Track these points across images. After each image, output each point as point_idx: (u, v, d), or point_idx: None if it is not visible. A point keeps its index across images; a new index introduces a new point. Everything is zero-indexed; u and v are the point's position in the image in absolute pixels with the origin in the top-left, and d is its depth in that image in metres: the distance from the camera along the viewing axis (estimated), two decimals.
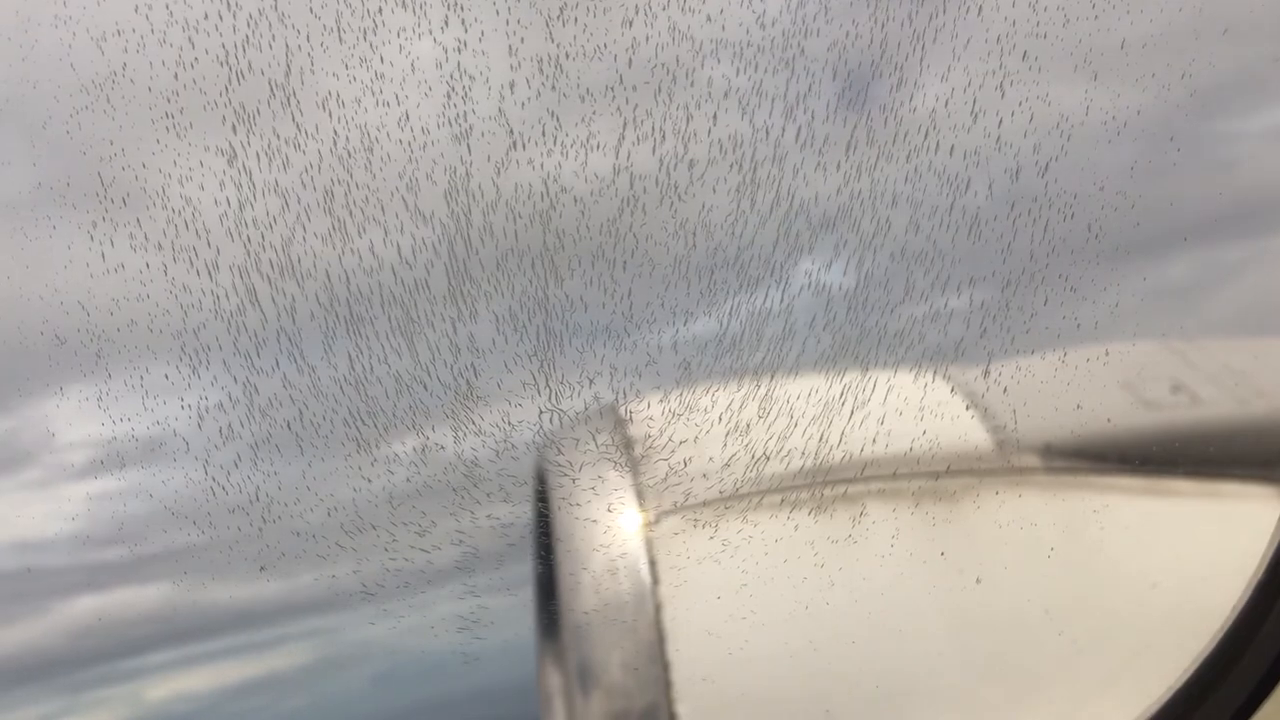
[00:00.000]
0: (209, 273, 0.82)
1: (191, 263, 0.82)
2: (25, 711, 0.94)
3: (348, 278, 0.83)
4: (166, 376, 0.82)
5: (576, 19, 0.80)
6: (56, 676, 0.93)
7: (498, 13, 0.80)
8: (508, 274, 0.85)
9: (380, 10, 0.79)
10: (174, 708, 0.95)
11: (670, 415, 0.90)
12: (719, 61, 0.82)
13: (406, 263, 0.84)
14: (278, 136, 0.80)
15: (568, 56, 0.81)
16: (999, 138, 0.84)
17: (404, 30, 0.79)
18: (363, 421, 0.84)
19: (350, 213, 0.82)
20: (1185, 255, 0.92)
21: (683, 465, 0.90)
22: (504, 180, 0.83)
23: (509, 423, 0.89)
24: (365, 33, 0.79)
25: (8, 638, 0.91)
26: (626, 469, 0.91)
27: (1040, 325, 0.89)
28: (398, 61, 0.80)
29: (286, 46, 0.78)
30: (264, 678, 0.93)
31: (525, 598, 0.96)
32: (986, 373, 0.90)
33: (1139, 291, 0.90)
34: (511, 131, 0.82)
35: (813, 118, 0.83)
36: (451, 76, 0.81)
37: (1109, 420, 0.94)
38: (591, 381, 0.89)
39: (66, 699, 0.95)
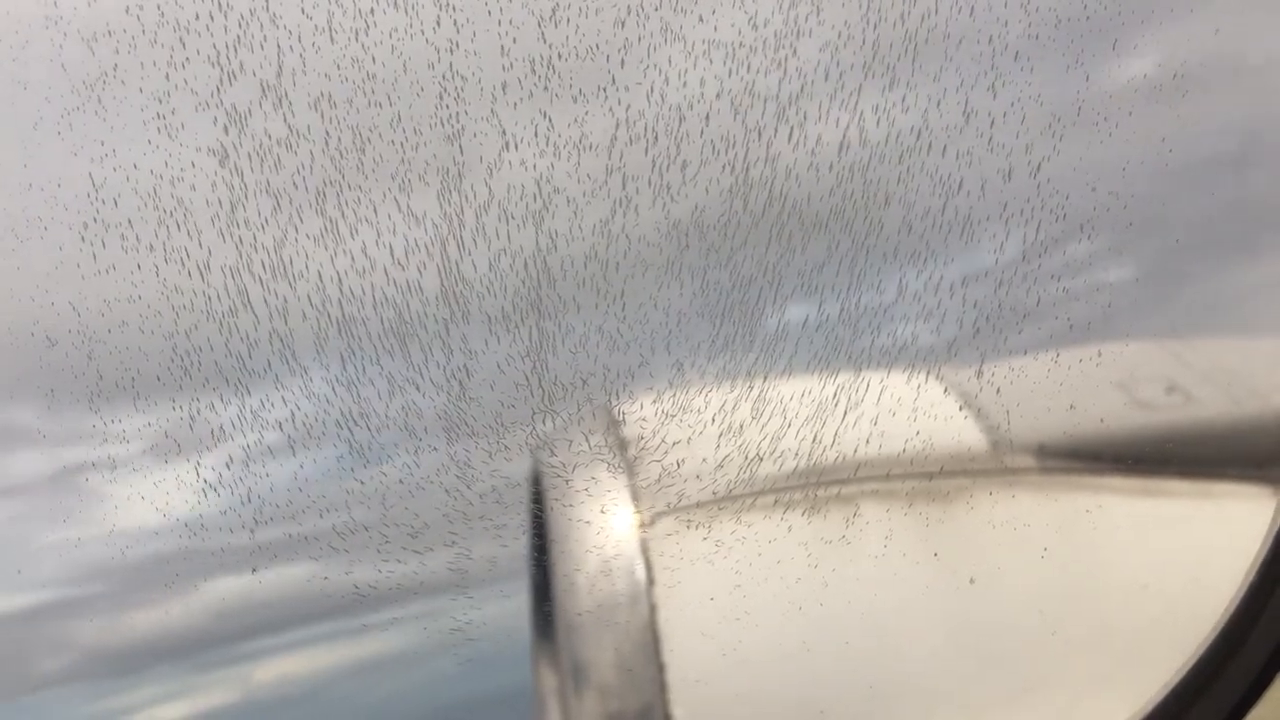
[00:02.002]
0: (201, 274, 0.82)
1: (183, 264, 0.82)
2: (142, 692, 0.96)
3: (340, 279, 0.83)
4: (315, 371, 0.82)
5: (569, 19, 0.80)
6: (182, 658, 0.95)
7: (489, 13, 0.80)
8: (500, 275, 0.85)
9: (372, 11, 0.79)
10: (279, 690, 0.97)
11: (664, 416, 0.90)
12: (711, 62, 0.82)
13: (399, 263, 0.84)
14: (269, 137, 0.80)
15: (560, 57, 0.81)
16: (991, 138, 0.84)
17: (396, 31, 0.79)
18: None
19: (342, 213, 0.82)
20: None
21: (676, 466, 0.90)
22: (496, 181, 0.83)
23: (502, 424, 0.89)
24: (357, 33, 0.79)
25: (145, 619, 0.92)
26: (620, 470, 0.91)
27: (1033, 325, 0.89)
28: (390, 62, 0.80)
29: (278, 47, 0.78)
30: (361, 661, 0.94)
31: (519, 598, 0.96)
32: (980, 373, 0.90)
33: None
34: (504, 132, 0.82)
35: (805, 119, 0.83)
36: (444, 77, 0.81)
37: (1102, 420, 0.94)
38: (585, 382, 0.89)
39: (184, 680, 0.96)
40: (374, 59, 0.80)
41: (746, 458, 0.90)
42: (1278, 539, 0.84)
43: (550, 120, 0.82)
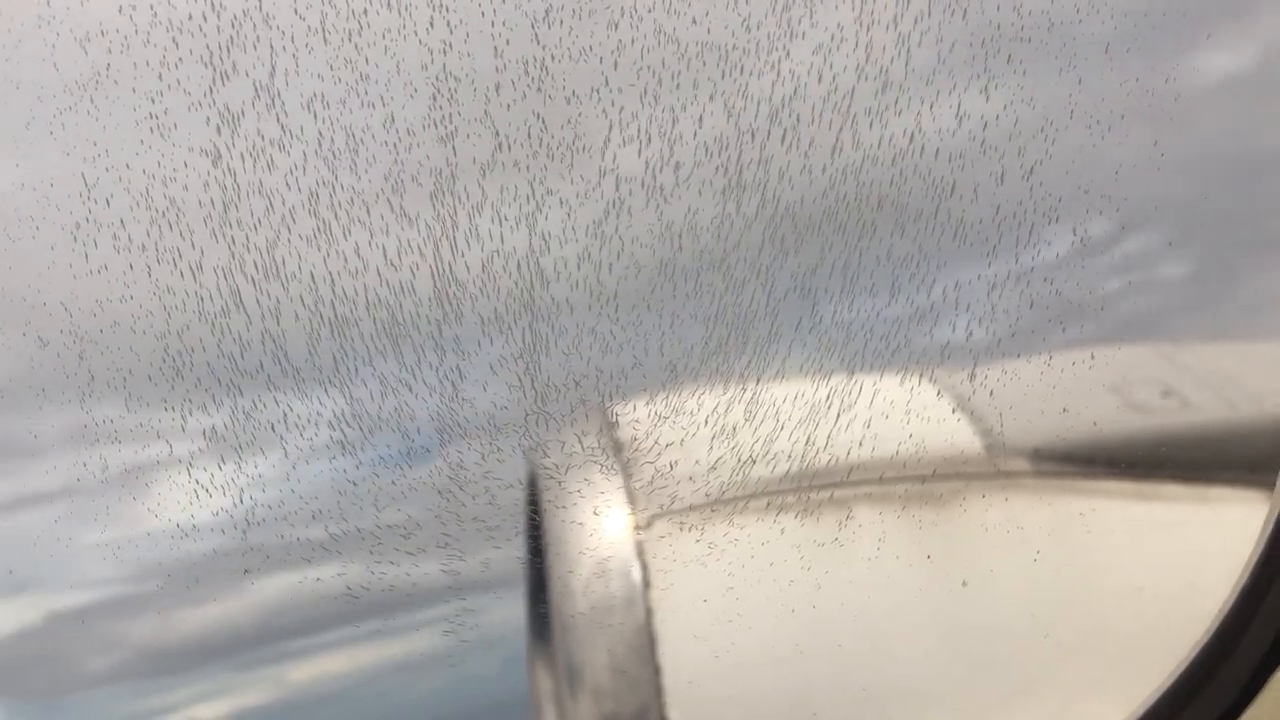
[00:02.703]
0: (193, 274, 0.82)
1: (175, 264, 0.82)
2: (181, 692, 0.97)
3: (332, 280, 0.83)
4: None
5: (562, 21, 0.80)
6: (223, 657, 0.95)
7: (483, 14, 0.80)
8: (493, 276, 0.85)
9: (365, 12, 0.79)
10: (315, 689, 0.97)
11: (657, 418, 0.90)
12: (705, 64, 0.82)
13: (392, 264, 0.84)
14: (262, 138, 0.80)
15: (553, 59, 0.81)
16: (984, 140, 0.84)
17: (389, 32, 0.79)
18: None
19: (335, 214, 0.82)
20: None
21: (669, 469, 0.90)
22: (489, 182, 0.83)
23: (495, 426, 0.89)
24: (350, 34, 0.79)
25: (196, 617, 0.93)
26: (614, 472, 0.91)
27: (1027, 328, 0.89)
28: (383, 63, 0.80)
29: (271, 48, 0.78)
30: (399, 660, 0.95)
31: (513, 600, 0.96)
32: (973, 376, 0.90)
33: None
34: (497, 133, 0.82)
35: (798, 121, 0.83)
36: (437, 78, 0.81)
37: (1096, 424, 0.94)
38: (578, 384, 0.89)
39: (223, 679, 0.97)
40: (367, 60, 0.80)
41: (740, 460, 0.90)
42: (1271, 542, 0.84)
43: (544, 122, 0.82)
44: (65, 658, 0.96)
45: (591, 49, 0.81)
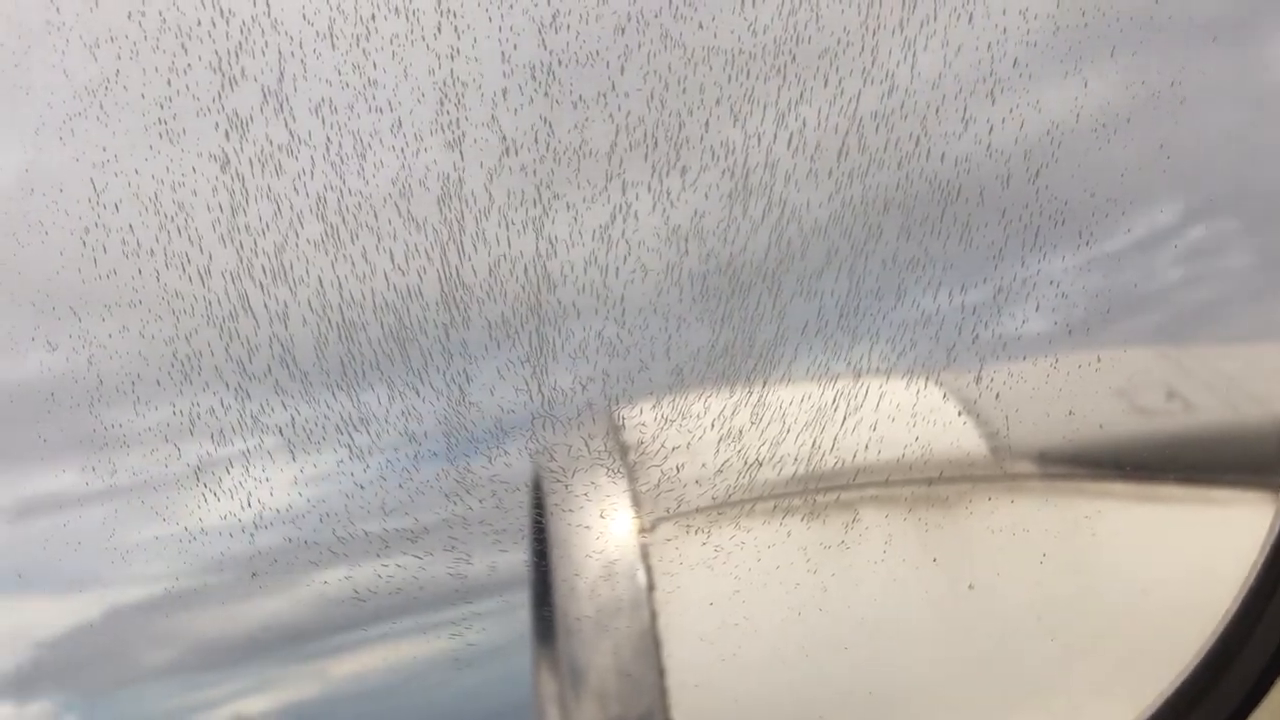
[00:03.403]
0: (201, 279, 0.82)
1: (184, 269, 0.82)
2: (225, 687, 0.97)
3: (340, 284, 0.84)
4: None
5: (569, 26, 0.80)
6: (266, 652, 0.95)
7: (490, 19, 0.80)
8: (500, 280, 0.85)
9: (373, 17, 0.79)
10: (356, 685, 0.97)
11: (663, 422, 0.90)
12: (711, 69, 0.82)
13: (399, 269, 0.84)
14: (270, 143, 0.80)
15: (560, 63, 0.81)
16: (990, 144, 0.85)
17: (397, 37, 0.80)
18: None
19: (343, 219, 0.83)
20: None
21: (676, 471, 0.90)
22: (496, 186, 0.84)
23: (502, 429, 0.89)
24: (358, 39, 0.79)
25: (203, 619, 0.93)
26: (620, 475, 0.91)
27: (1033, 330, 0.89)
28: (390, 68, 0.80)
29: (279, 53, 0.78)
30: (405, 664, 0.95)
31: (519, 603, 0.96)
32: (979, 378, 0.90)
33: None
34: (504, 138, 0.82)
35: (804, 125, 0.83)
36: (444, 83, 0.81)
37: (1102, 426, 0.94)
38: (584, 388, 0.89)
39: (265, 674, 0.97)
40: (375, 65, 0.80)
41: (746, 463, 0.90)
42: (1277, 545, 0.84)
43: (550, 126, 0.82)
44: (102, 656, 0.96)
45: (598, 54, 0.81)
